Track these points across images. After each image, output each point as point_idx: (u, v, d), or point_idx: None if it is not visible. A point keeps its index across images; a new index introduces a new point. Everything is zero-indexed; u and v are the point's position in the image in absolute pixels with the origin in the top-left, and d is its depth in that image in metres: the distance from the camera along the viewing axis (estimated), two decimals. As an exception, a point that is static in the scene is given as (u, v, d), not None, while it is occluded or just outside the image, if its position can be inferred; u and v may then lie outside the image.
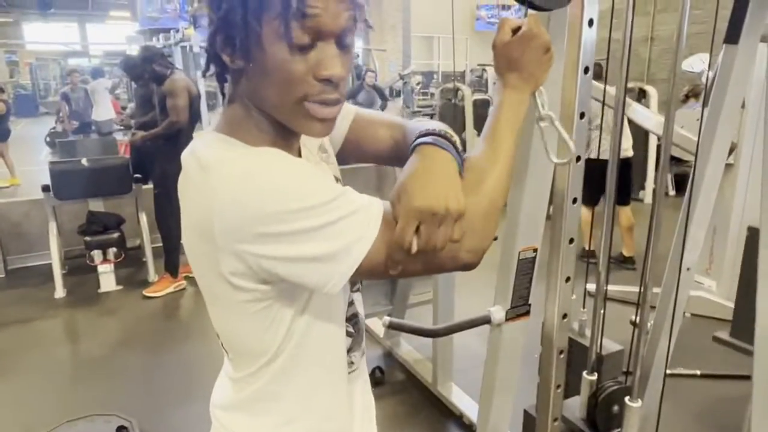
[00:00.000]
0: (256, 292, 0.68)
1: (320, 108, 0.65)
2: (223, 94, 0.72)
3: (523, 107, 0.79)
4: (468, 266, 0.70)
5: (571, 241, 1.09)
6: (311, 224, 0.61)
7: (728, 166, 3.35)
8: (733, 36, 1.78)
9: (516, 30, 0.80)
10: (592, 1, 0.91)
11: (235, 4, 0.61)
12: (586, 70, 0.95)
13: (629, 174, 4.33)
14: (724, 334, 3.11)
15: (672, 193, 6.29)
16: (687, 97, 6.33)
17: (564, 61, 1.00)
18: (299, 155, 0.77)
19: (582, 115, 0.98)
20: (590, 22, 0.92)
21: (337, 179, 0.83)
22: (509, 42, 0.79)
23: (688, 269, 2.29)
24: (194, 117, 3.86)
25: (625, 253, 4.35)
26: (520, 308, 1.57)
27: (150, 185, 4.19)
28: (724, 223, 3.57)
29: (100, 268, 3.97)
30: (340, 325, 0.80)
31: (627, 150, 4.24)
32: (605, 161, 1.43)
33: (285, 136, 0.71)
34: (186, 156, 0.69)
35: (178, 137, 3.71)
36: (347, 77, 0.68)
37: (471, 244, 0.67)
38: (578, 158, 1.01)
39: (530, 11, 0.85)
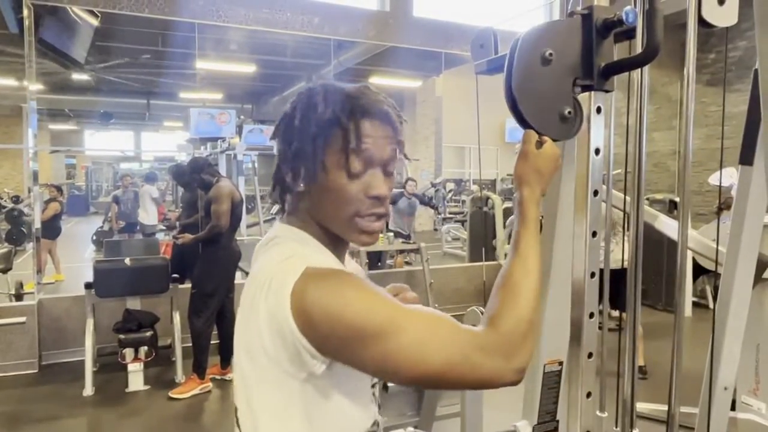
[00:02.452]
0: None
1: (369, 223, 0.78)
2: (283, 210, 0.84)
3: (538, 218, 0.87)
4: (512, 383, 0.74)
5: (590, 355, 1.10)
6: None
7: (765, 281, 3.26)
8: (747, 157, 1.84)
9: (538, 144, 0.89)
10: (597, 133, 1.00)
11: (304, 142, 0.75)
12: (596, 192, 1.02)
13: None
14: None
15: (712, 306, 6.09)
16: (721, 209, 6.30)
17: (575, 183, 1.08)
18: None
19: (594, 234, 1.04)
20: (596, 151, 1.01)
21: None
22: (539, 154, 0.88)
23: (725, 389, 2.19)
24: (235, 221, 4.05)
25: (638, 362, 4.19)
26: (547, 424, 1.52)
27: (185, 285, 4.30)
28: (768, 339, 3.41)
29: (130, 367, 4.00)
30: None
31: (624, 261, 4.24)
32: (614, 270, 1.46)
33: (336, 246, 0.81)
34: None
35: (218, 240, 3.89)
36: (389, 196, 0.81)
37: (516, 361, 0.73)
38: (593, 274, 1.05)
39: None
